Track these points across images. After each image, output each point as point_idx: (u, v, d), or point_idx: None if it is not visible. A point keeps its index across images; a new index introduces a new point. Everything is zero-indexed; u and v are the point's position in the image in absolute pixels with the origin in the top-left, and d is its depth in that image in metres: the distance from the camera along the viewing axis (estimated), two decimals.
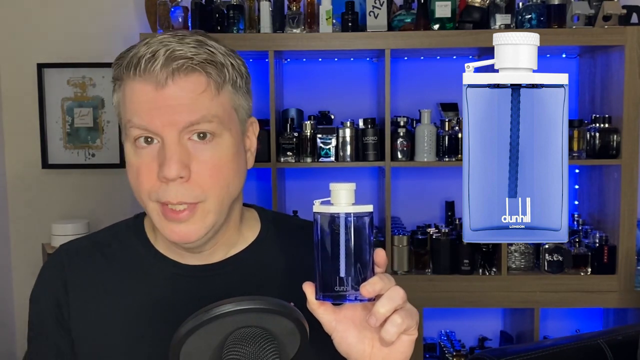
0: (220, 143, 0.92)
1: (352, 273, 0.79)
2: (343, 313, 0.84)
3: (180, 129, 0.89)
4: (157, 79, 0.88)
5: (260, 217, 1.09)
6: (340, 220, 0.79)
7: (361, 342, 0.84)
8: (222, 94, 0.93)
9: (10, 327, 2.74)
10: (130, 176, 0.94)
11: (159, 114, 0.89)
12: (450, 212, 2.64)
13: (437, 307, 2.53)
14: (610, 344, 1.93)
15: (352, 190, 0.81)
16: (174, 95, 0.89)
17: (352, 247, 0.79)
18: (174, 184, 0.89)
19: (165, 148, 0.89)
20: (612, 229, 2.41)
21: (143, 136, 0.91)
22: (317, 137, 2.41)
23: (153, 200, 0.92)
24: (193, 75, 0.90)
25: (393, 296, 0.79)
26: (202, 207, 0.92)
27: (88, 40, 2.67)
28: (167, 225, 0.92)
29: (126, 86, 0.92)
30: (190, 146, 0.90)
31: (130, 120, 0.91)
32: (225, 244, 1.02)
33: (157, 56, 0.88)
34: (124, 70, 0.91)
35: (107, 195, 2.73)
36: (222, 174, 0.92)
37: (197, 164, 0.90)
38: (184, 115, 0.89)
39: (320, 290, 0.80)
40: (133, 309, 0.99)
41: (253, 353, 0.77)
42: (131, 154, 0.93)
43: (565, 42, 2.32)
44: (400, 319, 0.79)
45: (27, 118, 2.71)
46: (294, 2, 2.37)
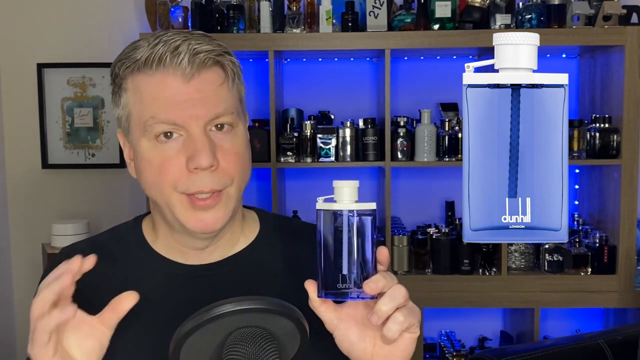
0: (237, 133, 0.96)
1: (354, 271, 0.79)
2: (345, 311, 0.84)
3: (206, 121, 0.92)
4: (183, 72, 0.91)
5: (259, 218, 1.09)
6: (344, 218, 0.79)
7: (363, 341, 0.84)
8: (234, 86, 0.97)
9: (11, 327, 2.74)
10: (149, 172, 0.94)
11: (186, 107, 0.91)
12: (450, 212, 2.64)
13: (437, 307, 2.53)
14: (610, 344, 1.93)
15: (355, 188, 0.81)
16: (198, 88, 0.91)
17: (355, 245, 0.79)
18: (205, 173, 0.91)
19: (194, 140, 0.91)
20: (612, 229, 2.41)
21: (165, 131, 0.92)
22: (317, 137, 2.41)
23: (179, 192, 0.93)
24: (214, 68, 0.94)
25: (395, 294, 0.79)
26: (227, 191, 0.94)
27: (88, 40, 2.67)
28: (193, 214, 0.93)
29: (142, 83, 0.93)
30: (213, 137, 0.93)
31: (154, 117, 0.92)
32: (227, 243, 1.03)
33: (180, 51, 0.91)
34: (141, 66, 0.92)
35: (107, 195, 2.73)
36: (243, 160, 0.96)
37: (222, 153, 0.93)
38: (209, 108, 0.92)
39: (322, 287, 0.81)
40: (133, 310, 0.99)
41: (253, 353, 0.77)
42: (149, 150, 0.93)
43: (565, 42, 2.32)
44: (403, 317, 0.79)
45: (27, 118, 2.71)
46: (294, 2, 2.37)
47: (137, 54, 0.93)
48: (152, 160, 0.93)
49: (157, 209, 1.00)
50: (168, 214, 0.96)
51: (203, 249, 1.01)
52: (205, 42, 0.93)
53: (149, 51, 0.92)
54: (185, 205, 0.93)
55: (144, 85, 0.93)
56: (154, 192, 0.95)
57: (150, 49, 0.92)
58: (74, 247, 1.07)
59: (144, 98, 0.93)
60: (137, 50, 0.93)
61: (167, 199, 0.94)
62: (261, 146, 2.39)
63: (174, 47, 0.91)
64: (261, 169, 2.50)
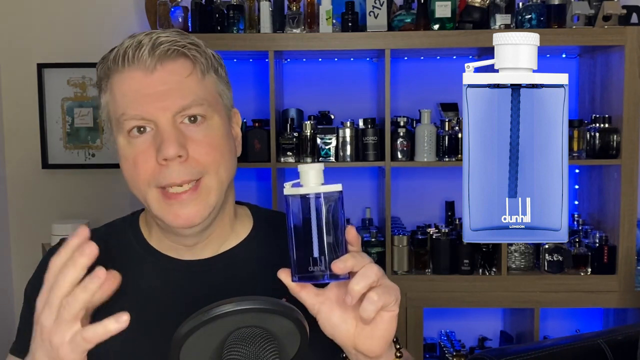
0: (211, 125, 0.95)
1: (325, 252, 0.79)
2: (326, 295, 0.84)
3: (173, 113, 0.92)
4: (145, 65, 0.91)
5: (252, 214, 1.10)
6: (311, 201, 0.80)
7: (345, 323, 0.84)
8: (206, 78, 0.96)
9: (11, 327, 2.74)
10: (126, 169, 0.95)
11: (151, 100, 0.91)
12: (450, 212, 2.64)
13: (437, 307, 2.53)
14: (610, 344, 1.93)
15: (320, 170, 0.81)
16: (162, 80, 0.92)
17: (324, 227, 0.79)
18: (174, 164, 0.91)
19: (161, 131, 0.91)
20: (612, 229, 2.41)
21: (137, 126, 0.92)
22: (317, 137, 2.41)
23: (153, 187, 0.93)
24: (179, 60, 0.94)
25: (367, 273, 0.79)
26: (204, 183, 0.94)
27: (88, 40, 2.67)
28: (169, 210, 0.93)
29: (115, 81, 0.94)
30: (184, 129, 0.93)
31: (124, 113, 0.93)
32: (217, 239, 1.03)
33: (143, 44, 0.92)
34: (112, 64, 0.94)
35: (107, 195, 2.73)
36: (218, 151, 0.95)
37: (193, 144, 0.93)
38: (175, 99, 0.92)
39: (295, 272, 0.81)
40: (128, 304, 0.99)
41: (253, 353, 0.77)
42: (125, 147, 0.94)
43: (565, 42, 2.32)
44: (377, 296, 0.79)
45: (27, 118, 2.71)
46: (294, 2, 2.37)
47: (111, 54, 0.95)
48: (128, 157, 0.94)
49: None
50: (149, 211, 0.97)
51: (192, 245, 1.01)
52: (172, 36, 0.94)
53: (117, 49, 0.94)
54: (160, 201, 0.93)
55: (115, 83, 0.94)
56: (133, 189, 0.96)
57: (119, 47, 0.94)
58: None
59: (116, 95, 0.94)
60: (113, 50, 0.95)
61: (145, 195, 0.94)
62: (261, 146, 2.39)
63: (138, 41, 0.92)
64: (261, 169, 2.50)
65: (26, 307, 1.05)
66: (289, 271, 0.82)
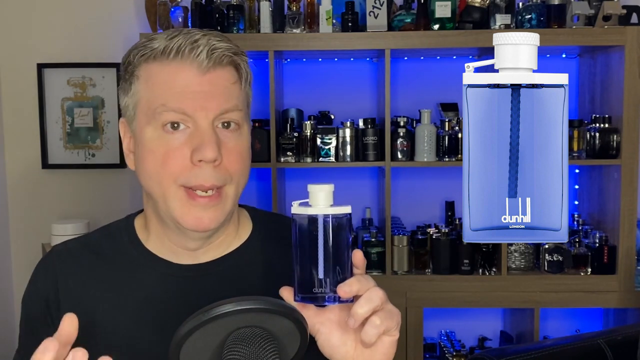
0: (242, 133, 0.96)
1: (330, 274, 0.80)
2: (326, 315, 0.84)
3: (215, 115, 0.92)
4: (200, 65, 0.92)
5: (251, 217, 1.09)
6: (319, 222, 0.79)
7: (344, 344, 0.84)
8: (244, 87, 0.98)
9: (10, 327, 2.74)
10: (151, 162, 0.94)
11: (197, 98, 0.92)
12: (450, 212, 2.64)
13: (437, 307, 2.53)
14: (610, 344, 1.93)
15: (330, 192, 0.81)
16: (212, 82, 0.92)
17: (331, 249, 0.79)
18: (208, 167, 0.91)
19: (201, 132, 0.91)
20: (612, 229, 2.41)
21: (173, 121, 0.92)
22: (317, 137, 2.41)
23: (179, 185, 0.92)
24: (229, 67, 0.95)
25: (372, 297, 0.79)
26: (225, 191, 0.94)
27: (88, 40, 2.67)
28: (189, 211, 0.93)
29: (156, 71, 0.93)
30: (219, 133, 0.93)
31: (164, 104, 0.92)
32: (218, 246, 1.02)
33: (199, 44, 0.92)
34: (158, 55, 0.93)
35: (107, 195, 2.73)
36: (245, 161, 0.97)
37: (226, 150, 0.93)
38: (219, 102, 0.93)
39: (298, 292, 0.81)
40: (125, 309, 0.99)
41: (253, 353, 0.77)
42: (154, 140, 0.93)
43: (565, 42, 2.32)
44: (379, 320, 0.79)
45: (27, 118, 2.71)
46: (294, 2, 2.37)
47: (154, 44, 0.94)
48: (156, 150, 0.93)
49: (151, 203, 0.99)
50: (162, 209, 0.95)
51: (195, 249, 1.00)
52: (224, 40, 0.95)
53: (166, 42, 0.93)
54: (183, 200, 0.93)
55: (158, 73, 0.93)
56: (152, 184, 0.95)
57: (168, 41, 0.93)
58: (65, 246, 1.07)
59: (157, 85, 0.93)
60: (154, 41, 0.94)
61: (165, 192, 0.93)
62: (261, 146, 2.39)
63: (193, 40, 0.92)
64: (261, 169, 2.50)
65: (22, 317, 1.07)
66: (291, 289, 0.82)
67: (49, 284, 1.02)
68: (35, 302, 1.03)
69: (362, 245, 2.44)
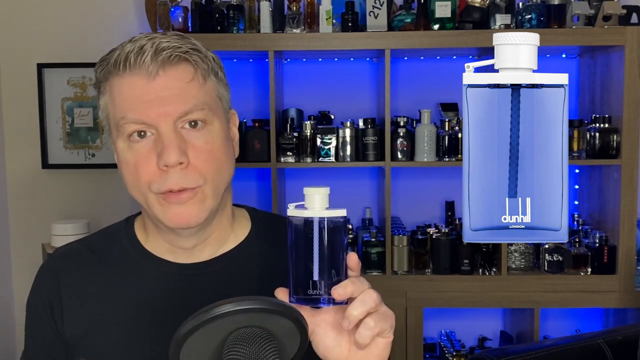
0: (211, 130, 0.95)
1: (325, 276, 0.80)
2: (321, 317, 0.84)
3: (174, 119, 0.92)
4: (147, 70, 0.91)
5: (250, 216, 1.10)
6: (314, 225, 0.80)
7: (338, 346, 0.84)
8: (207, 82, 0.96)
9: (10, 327, 2.74)
10: (127, 173, 0.95)
11: (153, 106, 0.91)
12: (450, 212, 2.64)
13: (437, 307, 2.53)
14: (610, 344, 1.93)
15: (326, 195, 0.81)
16: (165, 86, 0.92)
17: (326, 251, 0.80)
18: (174, 171, 0.91)
19: (162, 137, 0.91)
20: (612, 229, 2.41)
21: (137, 131, 0.92)
22: (317, 137, 2.41)
23: (153, 192, 0.93)
24: (181, 65, 0.93)
25: (366, 299, 0.79)
26: (201, 191, 0.94)
27: (88, 40, 2.67)
28: (169, 210, 0.94)
29: (115, 85, 0.94)
30: (185, 134, 0.93)
31: (124, 117, 0.93)
32: (215, 242, 1.03)
33: (145, 49, 0.91)
34: (112, 68, 0.93)
35: (107, 195, 2.73)
36: (216, 158, 0.95)
37: (193, 150, 0.93)
38: (177, 105, 0.92)
39: (293, 293, 0.82)
40: (126, 309, 1.00)
41: (253, 353, 0.77)
42: (125, 151, 0.94)
43: (565, 42, 2.32)
44: (374, 322, 0.79)
45: (27, 118, 2.71)
46: (294, 2, 2.37)
47: (111, 57, 0.94)
48: (128, 161, 0.94)
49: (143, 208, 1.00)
50: (149, 213, 0.97)
51: (190, 248, 1.01)
52: (174, 40, 0.93)
53: (118, 52, 0.93)
54: (162, 203, 0.94)
55: (115, 86, 0.94)
56: (134, 193, 0.96)
57: (119, 51, 0.93)
58: (66, 248, 1.08)
59: (116, 99, 0.94)
60: (113, 52, 0.95)
61: (145, 198, 0.95)
62: (261, 146, 2.39)
63: (139, 46, 0.92)
64: (261, 169, 2.50)
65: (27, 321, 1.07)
66: (286, 291, 0.83)
67: (52, 287, 1.03)
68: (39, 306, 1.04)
69: (362, 245, 2.44)
